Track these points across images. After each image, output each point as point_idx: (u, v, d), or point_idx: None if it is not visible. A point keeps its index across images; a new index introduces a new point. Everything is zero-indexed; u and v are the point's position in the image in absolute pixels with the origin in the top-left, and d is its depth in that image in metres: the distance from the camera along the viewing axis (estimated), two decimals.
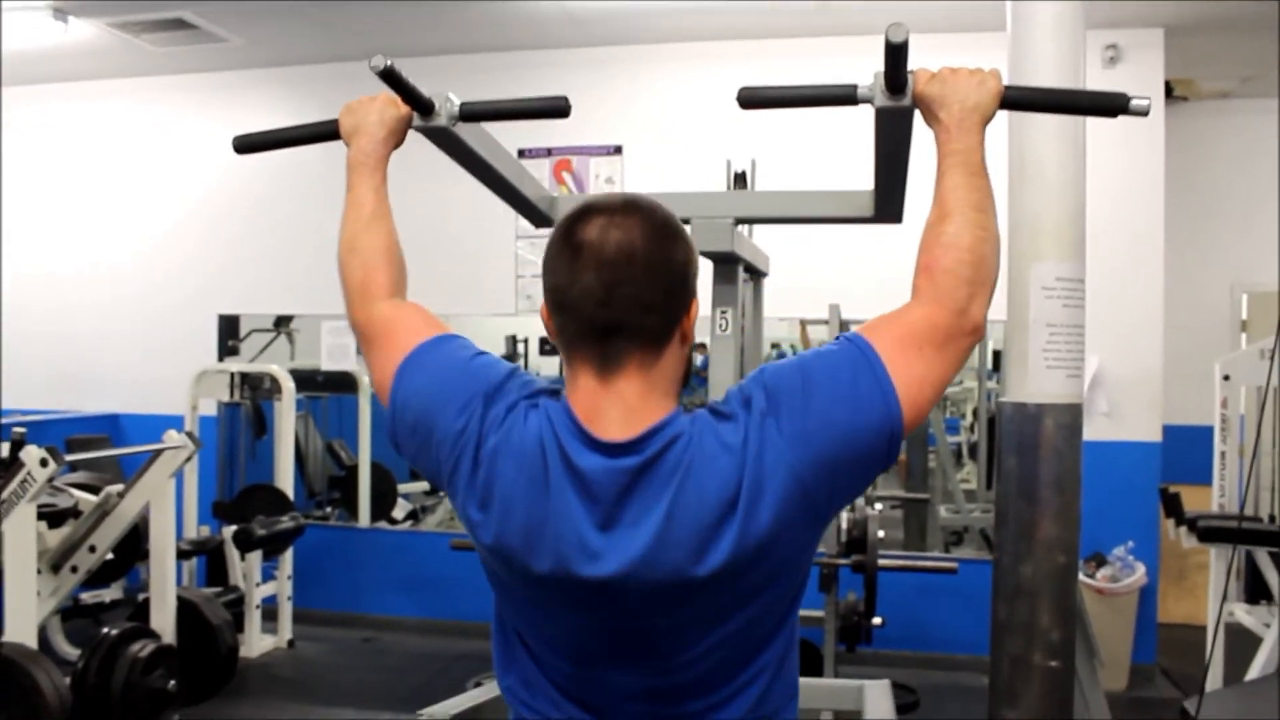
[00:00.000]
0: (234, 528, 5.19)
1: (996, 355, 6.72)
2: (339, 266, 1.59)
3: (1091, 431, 4.05)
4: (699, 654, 1.30)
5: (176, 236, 6.72)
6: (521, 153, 5.94)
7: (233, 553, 5.35)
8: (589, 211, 1.29)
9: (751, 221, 2.38)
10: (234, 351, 6.66)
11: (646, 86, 6.07)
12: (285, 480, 5.73)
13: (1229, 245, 6.64)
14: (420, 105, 1.71)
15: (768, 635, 1.34)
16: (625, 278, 1.24)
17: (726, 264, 2.39)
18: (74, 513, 4.22)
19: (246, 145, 1.93)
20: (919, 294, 1.38)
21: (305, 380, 6.38)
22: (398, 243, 1.62)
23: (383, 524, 6.62)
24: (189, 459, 4.34)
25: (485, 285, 6.15)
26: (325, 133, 1.79)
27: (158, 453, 4.22)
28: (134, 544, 4.54)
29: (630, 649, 1.31)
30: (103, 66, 6.47)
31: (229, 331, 6.69)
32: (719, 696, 1.33)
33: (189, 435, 4.35)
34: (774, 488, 1.22)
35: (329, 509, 6.92)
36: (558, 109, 1.75)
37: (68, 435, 5.91)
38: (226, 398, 6.10)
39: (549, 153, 6.10)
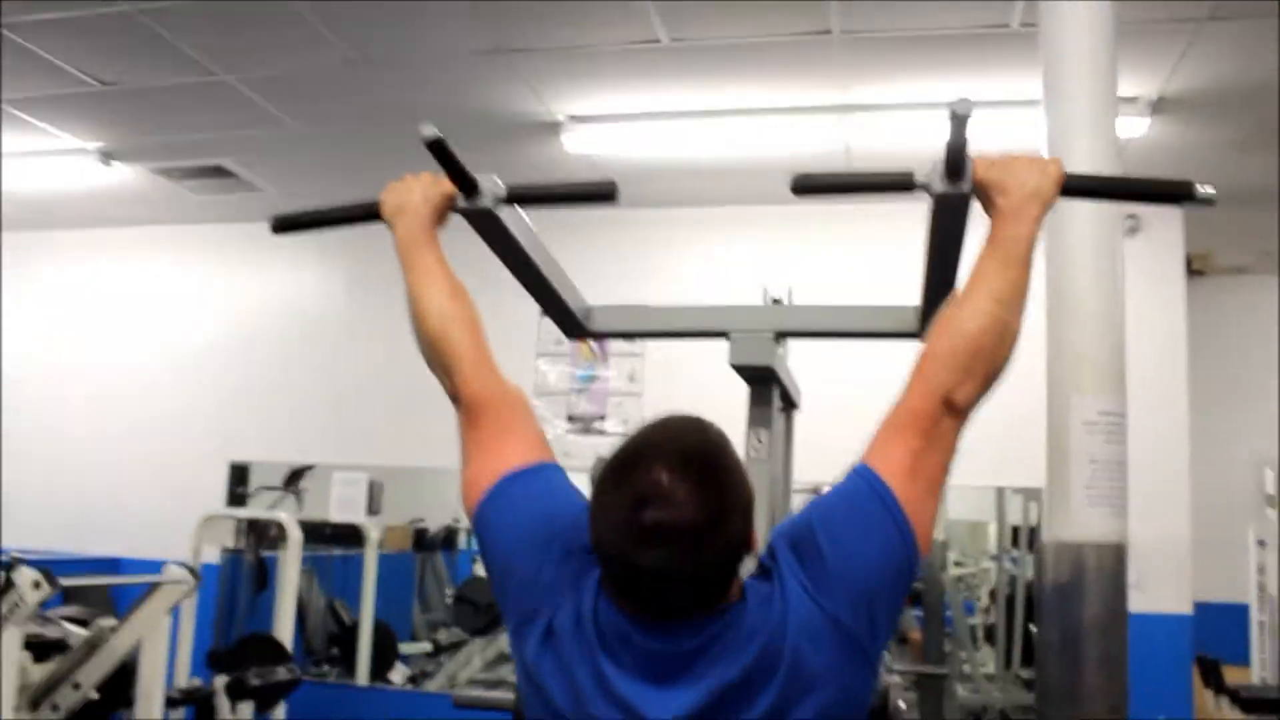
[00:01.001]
0: (227, 677, 4.97)
1: (1015, 532, 6.55)
2: (432, 340, 1.56)
3: None
4: None
5: (190, 381, 6.71)
6: None
7: (224, 705, 5.10)
8: (638, 482, 1.22)
9: (792, 335, 2.32)
10: (242, 500, 6.55)
11: (673, 249, 6.12)
12: (285, 633, 5.53)
13: (1252, 418, 6.57)
14: (466, 182, 1.68)
15: None
16: (689, 564, 1.20)
17: (764, 383, 2.31)
18: (61, 646, 4.04)
19: (285, 224, 1.91)
20: (909, 381, 1.38)
21: (312, 532, 6.24)
22: (478, 318, 1.61)
23: (381, 683, 6.36)
24: (188, 594, 4.19)
25: None
26: (367, 213, 1.76)
27: (155, 585, 4.07)
28: (122, 685, 4.32)
29: None
30: (140, 212, 6.61)
31: (238, 479, 6.60)
32: None
33: (189, 569, 4.20)
34: (815, 637, 1.23)
35: (327, 666, 6.67)
36: (604, 194, 1.73)
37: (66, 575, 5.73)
38: (231, 544, 5.96)
39: None
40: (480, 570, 7.04)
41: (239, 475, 6.60)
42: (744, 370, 2.24)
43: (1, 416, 6.78)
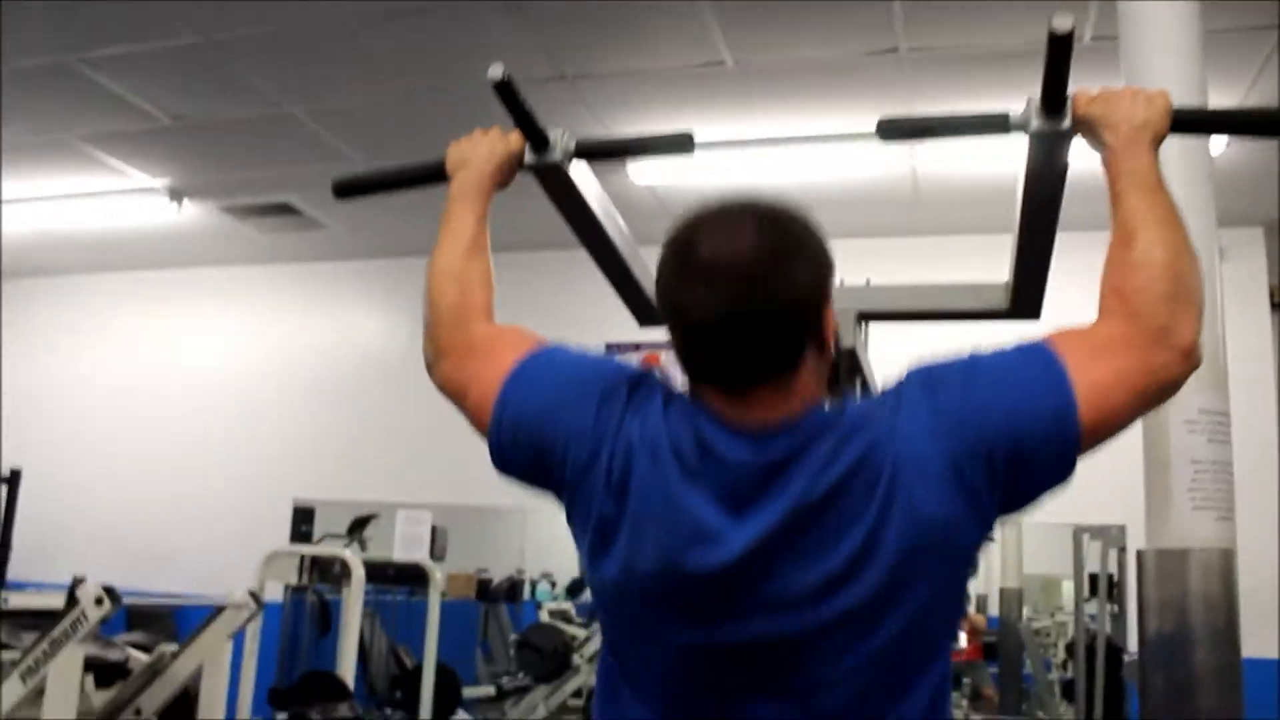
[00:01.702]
0: (288, 714, 4.90)
1: (1093, 579, 6.28)
2: (427, 291, 1.45)
3: None
4: (842, 674, 1.13)
5: (256, 421, 6.76)
6: (609, 346, 5.89)
7: None
8: (703, 223, 1.17)
9: (876, 317, 2.21)
10: (306, 539, 6.52)
11: None
12: (347, 673, 5.45)
13: None
14: (535, 134, 1.60)
15: (920, 663, 1.15)
16: (742, 306, 1.11)
17: (846, 367, 2.21)
18: (123, 671, 3.99)
19: (347, 187, 1.83)
20: (1109, 312, 1.21)
21: (376, 572, 6.17)
22: (493, 276, 1.49)
23: None
24: (250, 619, 4.13)
25: None
26: (430, 173, 1.69)
27: (218, 610, 4.02)
28: (184, 712, 4.27)
29: (759, 665, 1.14)
30: (208, 252, 6.72)
31: (303, 519, 6.59)
32: None
33: (252, 595, 4.15)
34: (922, 470, 1.10)
35: (389, 710, 6.57)
36: (681, 144, 1.65)
37: (130, 608, 5.72)
38: (295, 581, 5.92)
39: (637, 347, 6.03)
40: (545, 616, 6.95)
41: (303, 515, 6.59)
42: None
43: (62, 459, 6.84)
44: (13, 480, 5.59)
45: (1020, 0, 3.65)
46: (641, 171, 5.09)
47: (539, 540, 7.49)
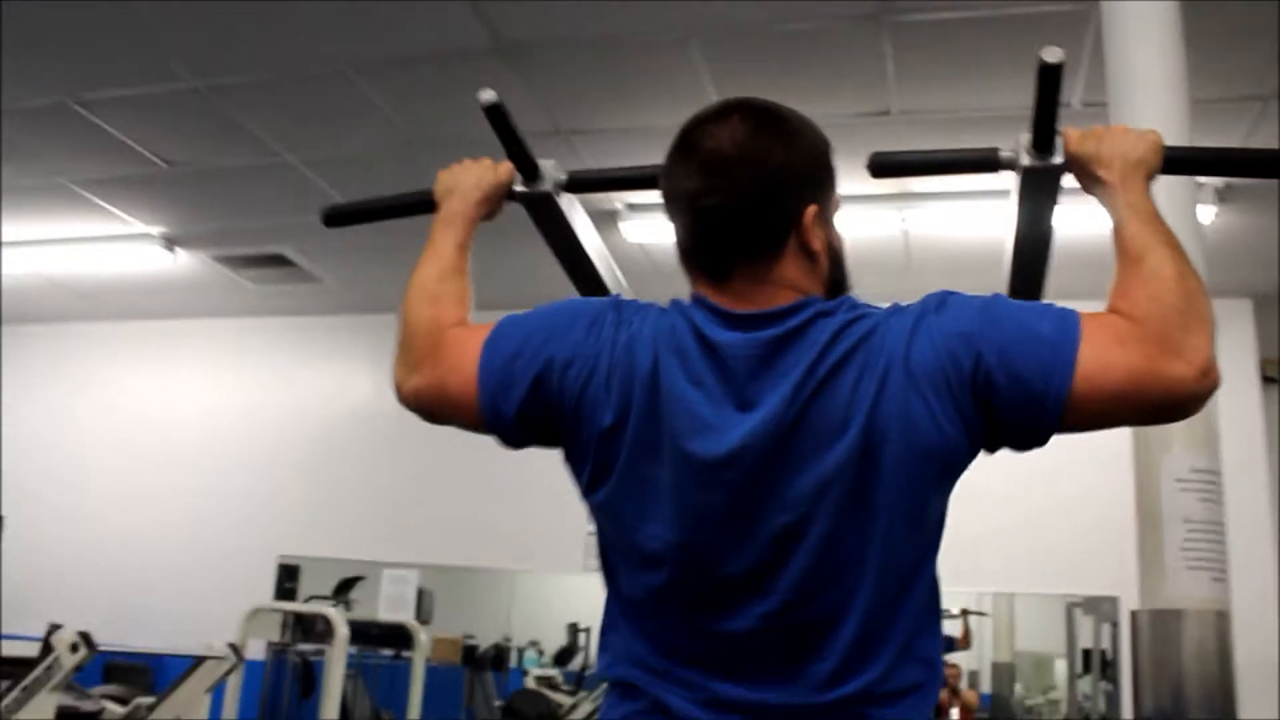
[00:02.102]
0: None
1: (1086, 655, 6.20)
2: (402, 313, 1.42)
3: None
4: (828, 574, 1.12)
5: (240, 476, 6.71)
6: None
7: None
8: (697, 118, 1.23)
9: None
10: (290, 595, 6.44)
11: None
12: None
13: None
14: (525, 162, 1.60)
15: (906, 570, 1.15)
16: (713, 186, 1.17)
17: None
18: None
19: (337, 216, 1.81)
20: (1121, 315, 1.16)
21: (360, 632, 6.08)
22: (470, 301, 1.46)
23: None
24: (229, 672, 4.06)
25: (546, 537, 5.93)
26: (419, 202, 1.68)
27: (198, 661, 3.95)
28: None
29: (748, 557, 1.13)
30: (199, 304, 6.71)
31: (287, 576, 6.51)
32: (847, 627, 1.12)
33: (231, 647, 4.08)
34: (918, 371, 1.10)
35: None
36: None
37: (107, 663, 5.63)
38: (277, 638, 5.83)
39: None
40: (531, 682, 6.83)
41: (288, 573, 6.51)
42: None
43: (48, 507, 6.78)
44: None
45: (1010, 62, 3.68)
46: (634, 229, 5.11)
47: (527, 608, 7.41)
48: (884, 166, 1.53)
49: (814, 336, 1.13)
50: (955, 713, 6.50)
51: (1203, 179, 4.40)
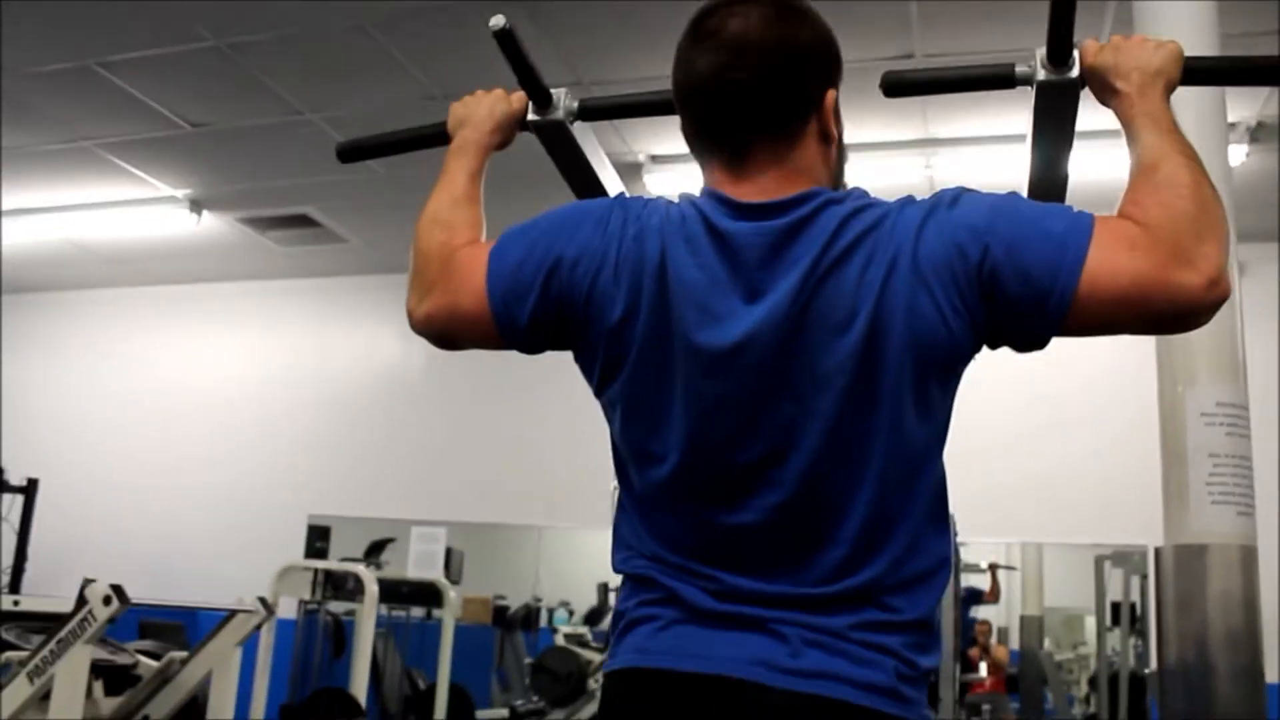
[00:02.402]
0: None
1: (1115, 608, 6.14)
2: (415, 240, 1.42)
3: None
4: (834, 464, 1.12)
5: (270, 437, 6.76)
6: None
7: None
8: (715, 4, 1.22)
9: None
10: (321, 556, 6.50)
11: None
12: (360, 692, 5.41)
13: None
14: (536, 89, 1.59)
15: (913, 463, 1.15)
16: (739, 61, 1.16)
17: None
18: (133, 677, 3.96)
19: (351, 151, 1.82)
20: (1132, 221, 1.13)
21: (390, 591, 6.14)
22: (483, 230, 1.45)
23: None
24: (260, 625, 4.11)
25: (573, 493, 5.97)
26: (433, 134, 1.68)
27: (230, 615, 4.00)
28: (193, 717, 4.24)
29: (758, 448, 1.13)
30: (227, 267, 6.75)
31: (318, 536, 6.57)
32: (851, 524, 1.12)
33: (261, 600, 4.13)
34: (926, 261, 1.10)
35: None
36: None
37: (142, 621, 5.72)
38: (308, 595, 5.89)
39: None
40: (561, 640, 6.89)
41: (318, 533, 6.57)
42: None
43: (79, 472, 6.87)
44: (29, 489, 5.61)
45: (1035, 2, 3.63)
46: (657, 182, 5.09)
47: (556, 568, 7.44)
48: (898, 85, 1.51)
49: (822, 225, 1.13)
50: (984, 668, 6.49)
51: (1235, 118, 4.35)
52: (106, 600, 3.37)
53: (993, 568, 6.45)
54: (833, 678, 1.09)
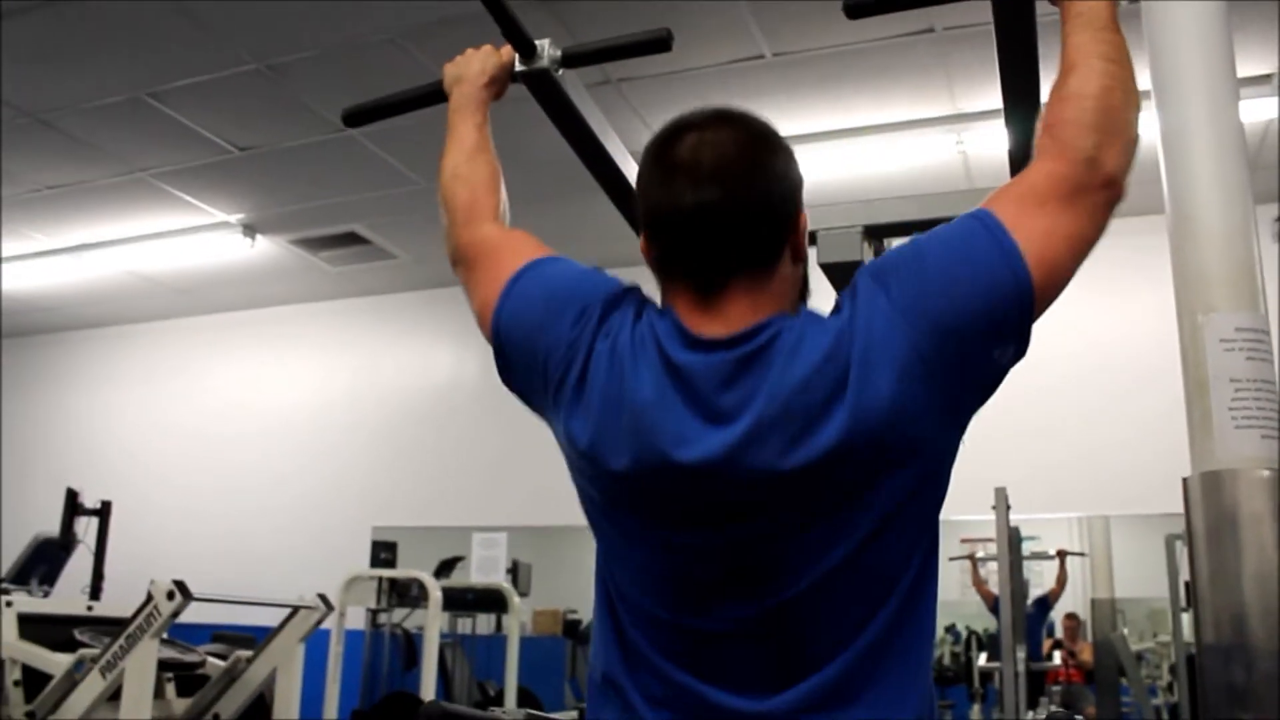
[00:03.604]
0: None
1: (1188, 588, 5.97)
2: (441, 197, 1.53)
3: None
4: (811, 578, 1.12)
5: (335, 453, 6.93)
6: None
7: None
8: (680, 128, 1.20)
9: (885, 232, 2.23)
10: (388, 567, 6.62)
11: None
12: (428, 693, 5.49)
13: None
14: (520, 39, 1.68)
15: (890, 570, 1.14)
16: (722, 196, 1.14)
17: None
18: (201, 678, 4.10)
19: (355, 115, 1.94)
20: (1041, 152, 1.22)
21: (454, 599, 6.23)
22: (501, 178, 1.56)
23: None
24: (320, 621, 4.22)
25: None
26: (430, 93, 1.78)
27: (292, 612, 4.12)
28: (262, 717, 4.37)
29: (735, 570, 1.13)
30: (283, 291, 6.94)
31: (382, 550, 6.68)
32: (831, 670, 1.12)
33: (321, 597, 4.24)
34: (889, 359, 1.08)
35: None
36: (658, 41, 1.71)
37: (215, 634, 5.87)
38: (374, 604, 6.01)
39: None
40: None
41: (384, 547, 6.69)
42: (832, 270, 2.16)
43: (155, 492, 7.08)
44: (104, 511, 5.82)
45: None
46: None
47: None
48: (859, 8, 1.57)
49: (775, 351, 1.12)
50: (1056, 656, 6.33)
51: (1265, 69, 4.30)
52: (170, 595, 3.52)
53: (1061, 555, 6.34)
54: None
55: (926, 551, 1.17)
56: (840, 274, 2.22)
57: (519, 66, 1.70)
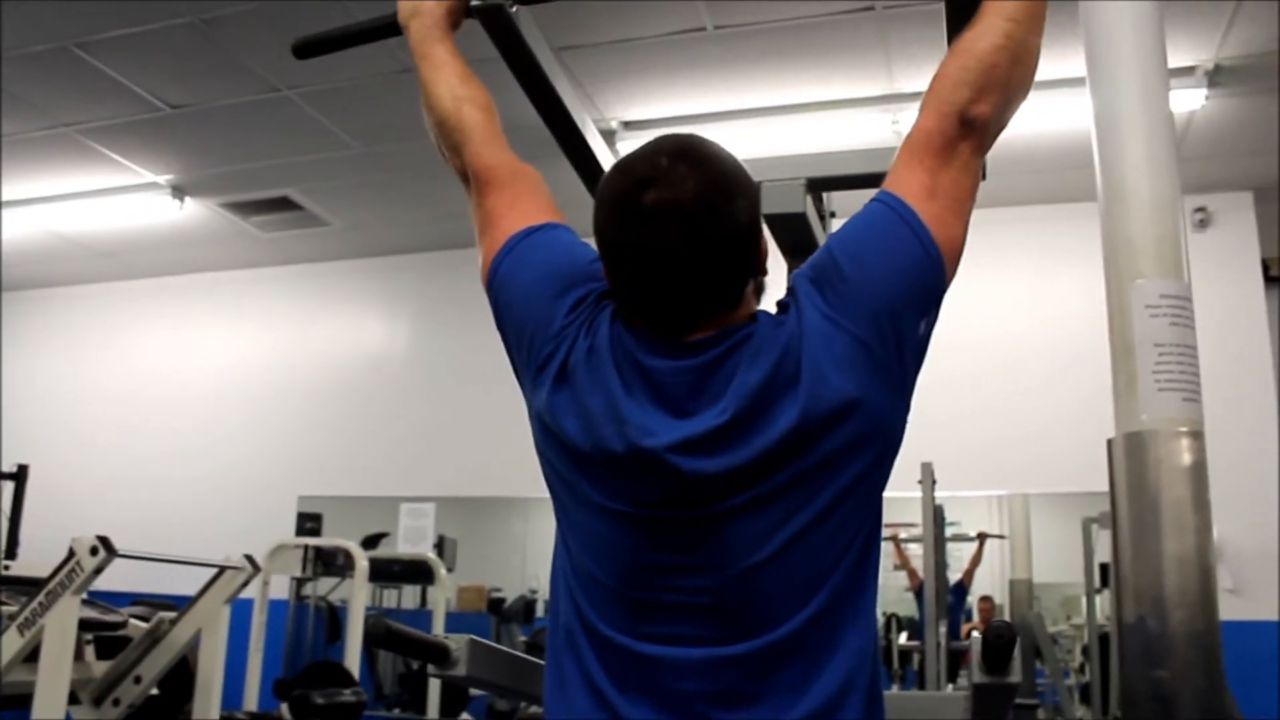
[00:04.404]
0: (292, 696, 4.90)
1: (1104, 569, 6.16)
2: (442, 118, 1.54)
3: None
4: (764, 558, 1.18)
5: (261, 421, 6.84)
6: None
7: None
8: (639, 165, 1.21)
9: (828, 185, 2.27)
10: (313, 536, 6.56)
11: None
12: (353, 667, 5.46)
13: None
14: None
15: (841, 541, 1.21)
16: (686, 247, 1.17)
17: (798, 238, 2.26)
18: (123, 640, 4.02)
19: (306, 47, 1.90)
20: (922, 107, 1.32)
21: (380, 570, 6.19)
22: (493, 103, 1.58)
23: None
24: (246, 583, 4.17)
25: None
26: (384, 26, 1.77)
27: (219, 571, 4.06)
28: (184, 682, 4.30)
29: (691, 548, 1.20)
30: (212, 256, 6.81)
31: (308, 520, 6.62)
32: (787, 627, 1.18)
33: (248, 558, 4.19)
34: (834, 353, 1.18)
35: (396, 710, 6.57)
36: None
37: (135, 601, 5.76)
38: (299, 573, 5.95)
39: None
40: None
41: (309, 517, 6.63)
42: (775, 221, 2.19)
43: (69, 463, 6.93)
44: (20, 475, 5.68)
45: None
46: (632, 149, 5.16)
47: (545, 550, 7.47)
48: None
49: (738, 353, 1.19)
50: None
51: (1191, 61, 4.41)
52: (94, 551, 3.44)
53: (981, 536, 6.47)
54: None
55: (876, 513, 1.25)
56: (783, 225, 2.25)
57: (474, 1, 1.70)
